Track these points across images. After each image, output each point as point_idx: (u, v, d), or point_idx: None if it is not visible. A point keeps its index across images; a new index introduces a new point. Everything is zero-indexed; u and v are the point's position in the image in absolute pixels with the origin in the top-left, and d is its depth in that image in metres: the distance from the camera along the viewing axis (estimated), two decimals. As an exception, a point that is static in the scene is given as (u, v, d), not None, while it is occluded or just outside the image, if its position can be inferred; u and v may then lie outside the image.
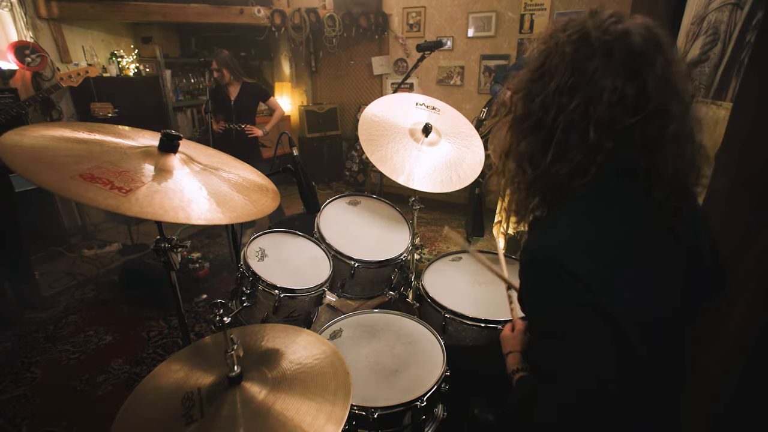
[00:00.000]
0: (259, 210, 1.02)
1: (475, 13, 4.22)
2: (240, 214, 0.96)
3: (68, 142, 0.92)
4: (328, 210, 1.84)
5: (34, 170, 0.78)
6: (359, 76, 5.19)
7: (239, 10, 4.10)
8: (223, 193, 1.00)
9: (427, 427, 1.12)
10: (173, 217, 0.83)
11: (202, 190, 0.96)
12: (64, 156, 0.86)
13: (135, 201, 0.82)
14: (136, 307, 2.69)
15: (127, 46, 4.16)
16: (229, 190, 1.03)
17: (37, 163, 0.81)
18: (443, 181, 1.69)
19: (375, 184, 4.55)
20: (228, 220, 0.93)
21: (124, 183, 0.84)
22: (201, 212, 0.89)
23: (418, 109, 1.85)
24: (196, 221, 0.88)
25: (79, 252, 3.43)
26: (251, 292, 1.40)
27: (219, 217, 0.91)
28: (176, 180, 0.95)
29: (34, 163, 0.81)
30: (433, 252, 3.51)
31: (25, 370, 2.18)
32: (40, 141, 0.89)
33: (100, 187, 0.80)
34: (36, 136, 0.90)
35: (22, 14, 3.27)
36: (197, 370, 0.94)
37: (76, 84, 2.88)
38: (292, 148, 1.45)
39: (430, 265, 1.64)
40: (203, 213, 0.89)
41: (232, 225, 1.60)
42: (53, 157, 0.85)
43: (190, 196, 0.92)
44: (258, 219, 2.52)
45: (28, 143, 0.86)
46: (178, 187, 0.93)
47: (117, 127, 1.12)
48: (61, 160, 0.85)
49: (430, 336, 1.30)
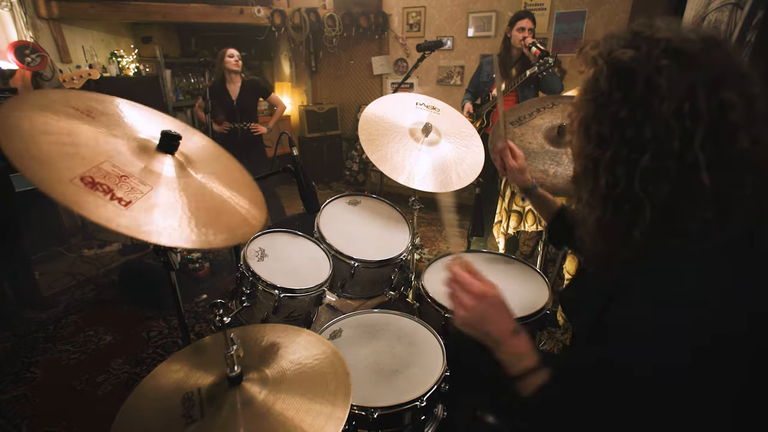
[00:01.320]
0: (238, 236, 0.93)
1: (475, 13, 4.22)
2: (223, 238, 0.87)
3: (67, 119, 0.85)
4: (328, 210, 1.84)
5: (31, 166, 0.71)
6: (359, 76, 5.19)
7: (239, 10, 4.11)
8: (208, 210, 0.92)
9: (427, 427, 1.12)
10: (167, 240, 0.77)
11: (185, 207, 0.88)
12: (65, 143, 0.79)
13: (132, 218, 0.76)
14: (136, 307, 2.69)
15: (127, 46, 4.16)
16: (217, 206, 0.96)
17: (35, 161, 0.74)
18: (443, 181, 1.69)
19: (375, 184, 4.55)
20: (205, 245, 0.84)
21: (123, 193, 0.78)
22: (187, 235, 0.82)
23: (418, 109, 1.85)
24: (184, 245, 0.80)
25: (79, 252, 3.43)
26: (251, 292, 1.40)
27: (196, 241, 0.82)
28: (165, 194, 0.87)
29: (32, 161, 0.73)
30: (433, 252, 3.51)
31: (25, 370, 2.18)
32: (41, 117, 0.82)
33: (99, 196, 0.74)
34: (39, 104, 0.84)
35: (22, 14, 3.27)
36: (197, 370, 0.94)
37: (78, 86, 2.89)
38: (292, 147, 1.45)
39: (430, 265, 1.64)
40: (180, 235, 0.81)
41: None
42: (53, 143, 0.78)
43: (177, 214, 0.84)
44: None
45: (27, 128, 0.78)
46: (170, 202, 0.86)
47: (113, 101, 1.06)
48: (62, 149, 0.77)
49: (430, 336, 1.30)
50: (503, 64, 2.85)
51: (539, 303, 1.38)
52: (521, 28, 2.72)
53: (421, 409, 1.05)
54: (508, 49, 2.83)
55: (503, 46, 2.87)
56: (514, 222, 2.43)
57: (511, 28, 2.77)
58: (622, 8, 3.60)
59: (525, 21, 2.72)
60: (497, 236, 2.60)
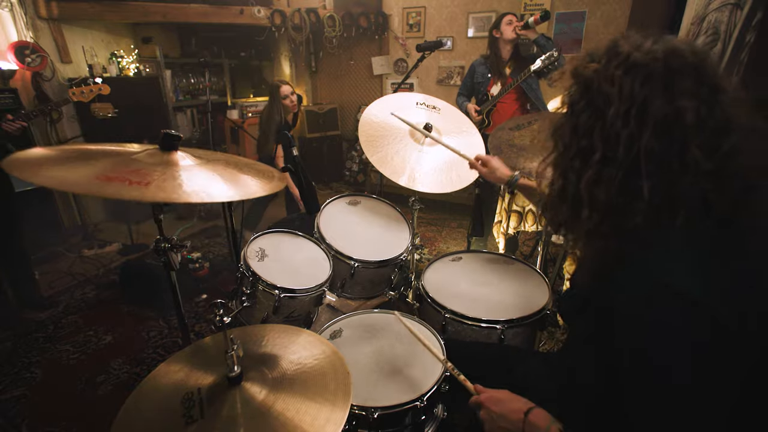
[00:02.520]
0: (271, 186, 1.08)
1: (475, 13, 4.23)
2: (254, 190, 1.02)
3: (72, 159, 0.96)
4: (328, 210, 1.84)
5: (55, 176, 0.85)
6: (359, 76, 5.19)
7: (239, 10, 4.11)
8: (233, 175, 1.05)
9: (427, 427, 1.12)
10: (198, 197, 0.90)
11: (213, 174, 1.02)
12: (75, 165, 0.91)
13: (157, 188, 0.87)
14: (136, 307, 2.69)
15: (127, 46, 4.16)
16: (239, 173, 1.08)
17: (56, 171, 0.87)
18: (443, 182, 1.69)
19: (375, 184, 4.55)
20: (244, 196, 0.99)
21: (140, 178, 0.89)
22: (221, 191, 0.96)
23: (419, 109, 1.85)
24: (218, 199, 0.95)
25: (79, 252, 3.43)
26: (251, 292, 1.40)
27: (235, 194, 0.97)
28: (186, 170, 1.00)
29: (53, 170, 0.87)
30: (433, 252, 3.51)
31: (25, 370, 2.18)
32: (46, 153, 0.97)
33: (119, 184, 0.85)
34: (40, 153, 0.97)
35: (22, 14, 3.27)
36: (197, 371, 0.94)
37: (87, 100, 2.85)
38: (292, 148, 1.45)
39: (430, 265, 1.64)
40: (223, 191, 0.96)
41: (232, 225, 1.60)
42: (65, 166, 0.90)
43: (205, 180, 0.98)
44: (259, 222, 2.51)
45: (35, 155, 0.94)
46: (191, 175, 0.98)
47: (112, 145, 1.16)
48: (74, 167, 0.90)
49: (430, 336, 1.29)
50: (494, 67, 2.86)
51: (539, 303, 1.38)
52: (509, 21, 2.72)
53: (422, 409, 1.05)
54: (498, 50, 2.82)
55: (491, 50, 2.87)
56: (514, 222, 2.43)
57: (497, 28, 2.77)
58: (622, 8, 3.60)
59: (509, 16, 2.74)
60: (497, 236, 2.60)
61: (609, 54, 0.67)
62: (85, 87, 2.83)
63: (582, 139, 0.67)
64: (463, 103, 3.02)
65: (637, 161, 0.62)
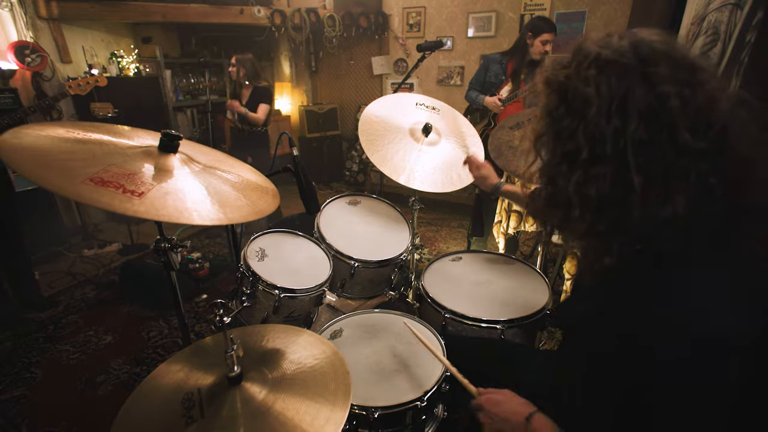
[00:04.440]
0: (259, 210, 1.02)
1: (475, 13, 4.22)
2: (242, 215, 0.97)
3: (68, 143, 0.92)
4: (328, 210, 1.84)
5: (43, 175, 0.79)
6: (359, 76, 5.19)
7: (239, 10, 4.11)
8: (224, 193, 1.00)
9: (428, 427, 1.12)
10: (187, 219, 0.86)
11: (204, 191, 0.97)
12: (67, 159, 0.86)
13: (150, 204, 0.83)
14: (136, 307, 2.69)
15: (127, 46, 4.16)
16: (230, 189, 1.03)
17: (45, 168, 0.81)
18: (443, 181, 1.69)
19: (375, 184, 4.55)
20: (229, 221, 0.94)
21: (135, 186, 0.85)
22: (206, 213, 0.91)
23: (418, 109, 1.85)
24: (200, 222, 0.89)
25: (79, 252, 3.43)
26: (251, 292, 1.40)
27: (221, 218, 0.92)
28: (181, 181, 0.96)
29: (43, 168, 0.81)
30: (433, 252, 3.51)
31: (25, 370, 2.18)
32: (39, 141, 0.89)
33: (112, 191, 0.81)
34: (33, 135, 0.90)
35: (22, 14, 3.27)
36: (197, 371, 0.94)
37: (84, 93, 2.82)
38: (292, 148, 1.45)
39: (430, 265, 1.64)
40: (208, 214, 0.91)
41: (232, 225, 1.60)
42: (56, 160, 0.85)
43: (197, 197, 0.94)
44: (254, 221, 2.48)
45: (28, 143, 0.86)
46: (185, 188, 0.94)
47: (114, 126, 1.12)
48: (66, 164, 0.84)
49: (430, 336, 1.29)
50: (514, 68, 2.81)
51: (539, 303, 1.38)
52: (545, 41, 2.65)
53: (422, 409, 1.05)
54: (523, 55, 2.76)
55: (518, 51, 2.79)
56: (514, 222, 2.43)
57: (534, 37, 2.67)
58: (622, 8, 3.60)
59: (551, 35, 2.65)
60: (497, 236, 2.60)
61: (577, 57, 0.67)
62: (81, 79, 2.80)
63: (567, 143, 0.67)
64: (477, 96, 2.93)
65: (626, 154, 0.62)
